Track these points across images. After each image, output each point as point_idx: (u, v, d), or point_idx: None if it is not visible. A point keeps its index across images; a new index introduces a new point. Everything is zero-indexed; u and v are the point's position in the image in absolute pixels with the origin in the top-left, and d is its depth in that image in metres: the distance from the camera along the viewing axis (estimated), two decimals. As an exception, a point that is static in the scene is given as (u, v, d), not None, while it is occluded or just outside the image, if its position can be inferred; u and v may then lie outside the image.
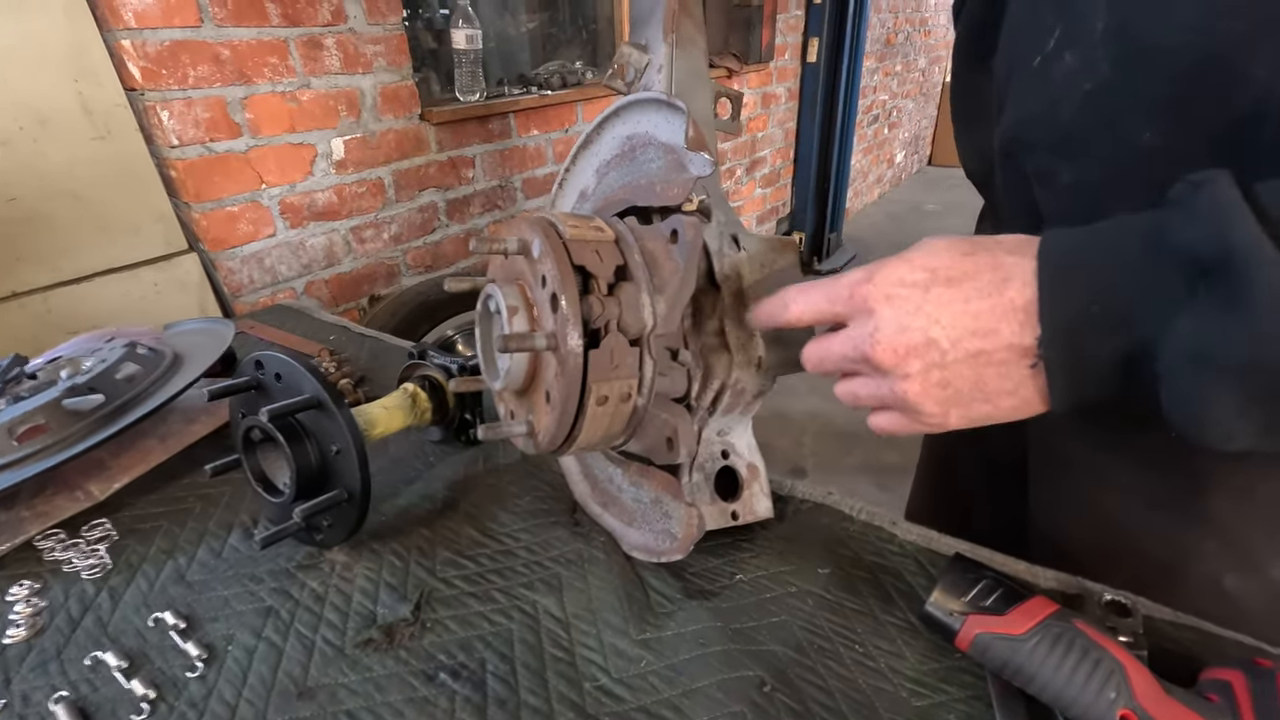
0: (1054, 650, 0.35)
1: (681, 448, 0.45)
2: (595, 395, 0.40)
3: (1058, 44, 0.40)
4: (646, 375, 0.42)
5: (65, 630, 0.48)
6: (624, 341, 0.40)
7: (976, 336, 0.31)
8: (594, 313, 0.39)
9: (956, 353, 0.32)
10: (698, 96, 0.50)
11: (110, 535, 0.57)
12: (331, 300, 1.67)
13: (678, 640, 0.45)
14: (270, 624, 0.48)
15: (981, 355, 0.31)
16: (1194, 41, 0.34)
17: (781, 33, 3.19)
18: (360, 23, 1.51)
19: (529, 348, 0.39)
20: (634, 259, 0.41)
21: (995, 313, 0.31)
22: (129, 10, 1.15)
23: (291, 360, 0.50)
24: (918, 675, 0.41)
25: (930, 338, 0.32)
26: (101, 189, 1.20)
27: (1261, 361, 0.25)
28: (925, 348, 0.32)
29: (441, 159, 1.80)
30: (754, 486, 0.51)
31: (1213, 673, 0.36)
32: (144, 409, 0.61)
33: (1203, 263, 0.26)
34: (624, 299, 0.40)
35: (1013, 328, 0.31)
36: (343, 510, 0.52)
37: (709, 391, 0.46)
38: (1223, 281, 0.25)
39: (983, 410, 0.33)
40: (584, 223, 0.42)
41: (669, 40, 0.49)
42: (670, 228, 0.42)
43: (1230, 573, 0.45)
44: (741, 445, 0.51)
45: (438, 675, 0.43)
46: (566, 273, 0.39)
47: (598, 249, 0.40)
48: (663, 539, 0.49)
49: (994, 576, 0.40)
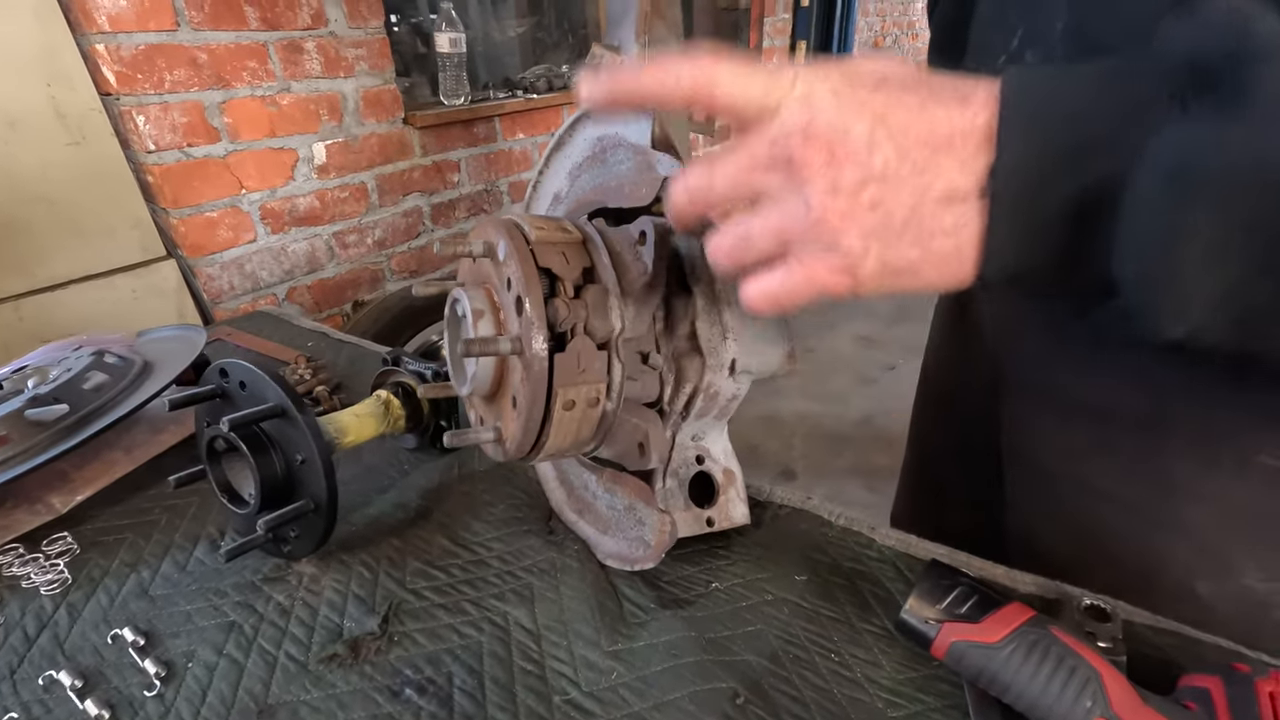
0: (1029, 658, 0.35)
1: (653, 452, 0.44)
2: (562, 400, 0.39)
3: (1020, 43, 0.40)
4: (615, 379, 0.41)
5: (20, 649, 0.46)
6: (591, 345, 0.39)
7: (926, 147, 0.26)
8: (560, 316, 0.38)
9: (901, 165, 0.26)
10: None
11: (71, 549, 0.55)
12: (315, 306, 1.65)
13: (650, 651, 0.43)
14: (233, 639, 0.46)
15: (927, 173, 0.26)
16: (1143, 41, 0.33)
17: (769, 36, 3.20)
18: (341, 26, 1.50)
19: (493, 352, 0.38)
20: (601, 261, 0.40)
21: (952, 123, 0.26)
22: (103, 13, 1.14)
23: (255, 368, 0.49)
24: (894, 685, 0.41)
25: (874, 140, 0.26)
26: (76, 194, 1.19)
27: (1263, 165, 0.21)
28: (867, 152, 0.26)
29: (426, 163, 1.79)
30: (730, 492, 0.50)
31: (1191, 679, 0.35)
32: (108, 419, 0.59)
33: (1207, 67, 0.22)
34: (591, 302, 0.39)
35: (968, 147, 0.25)
36: (309, 521, 0.50)
37: (681, 395, 0.45)
38: (1222, 89, 0.21)
39: (908, 256, 0.27)
40: (551, 225, 0.41)
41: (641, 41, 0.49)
42: (638, 229, 0.41)
43: (1203, 579, 0.45)
44: (717, 450, 0.50)
45: (403, 691, 0.42)
46: (531, 275, 0.38)
47: (564, 251, 0.40)
48: (636, 546, 0.49)
49: (970, 583, 0.39)
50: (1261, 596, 0.43)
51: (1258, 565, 0.43)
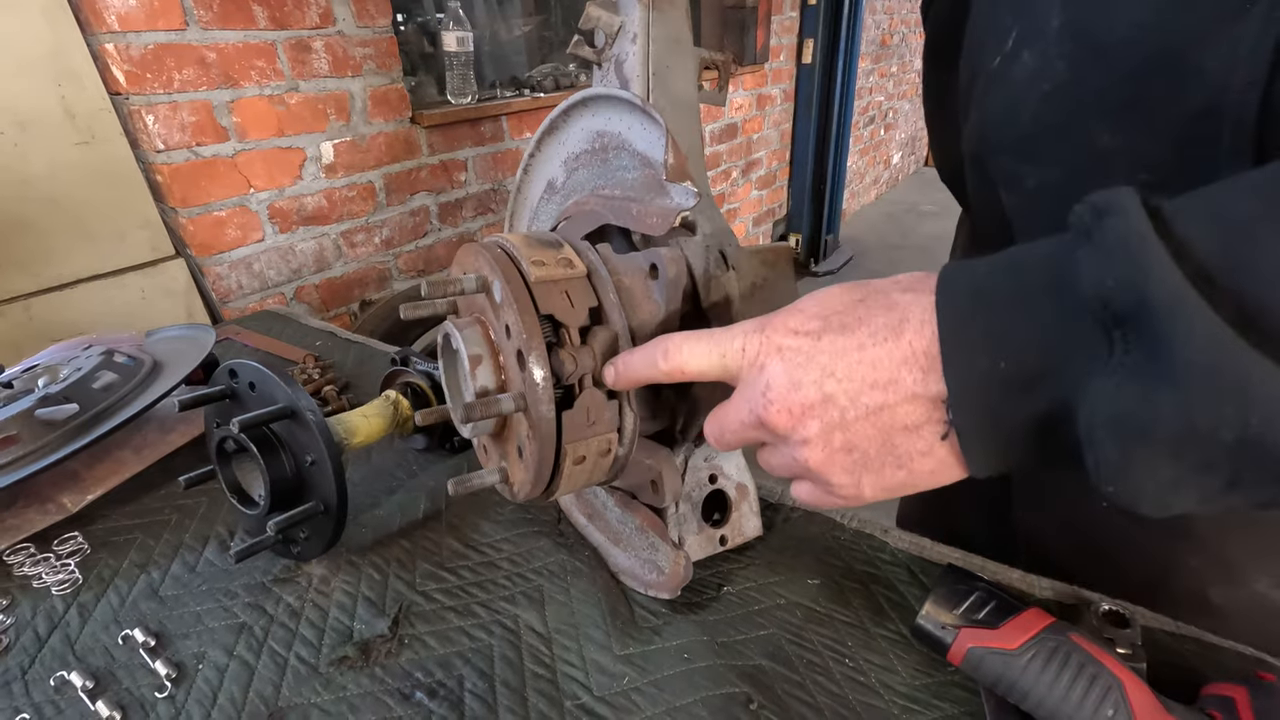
0: (1049, 665, 0.34)
1: (667, 493, 0.42)
2: (572, 457, 0.37)
3: (1015, 44, 0.39)
4: (627, 427, 0.38)
5: (31, 649, 0.46)
6: (600, 397, 0.37)
7: (876, 388, 0.27)
8: (566, 369, 0.35)
9: (856, 409, 0.28)
10: (680, 68, 0.45)
11: (82, 549, 0.55)
12: (322, 305, 1.65)
13: (662, 655, 0.43)
14: (243, 641, 0.46)
15: (884, 410, 0.27)
16: (1145, 37, 0.33)
17: (776, 34, 3.18)
18: (349, 25, 1.50)
19: (495, 414, 0.35)
20: (609, 299, 0.37)
21: (893, 359, 0.27)
22: (112, 13, 1.14)
23: (265, 369, 0.49)
24: (910, 691, 0.40)
25: (826, 393, 0.28)
26: (85, 194, 1.19)
27: (1198, 428, 0.21)
28: (822, 405, 0.28)
29: (433, 162, 1.78)
30: (743, 507, 0.49)
31: (1215, 688, 0.34)
32: (118, 419, 0.59)
33: (1118, 313, 0.22)
34: (598, 349, 0.37)
35: (915, 375, 0.27)
36: (319, 522, 0.50)
37: (695, 426, 0.43)
38: (1141, 337, 0.21)
39: (898, 477, 0.29)
40: (550, 255, 0.37)
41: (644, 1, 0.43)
42: (649, 261, 0.38)
43: (1215, 586, 0.44)
44: (730, 467, 0.49)
45: (414, 694, 0.42)
46: (532, 326, 0.35)
47: (567, 290, 0.36)
48: (649, 569, 0.48)
49: (987, 588, 0.39)
50: (1275, 605, 0.43)
51: (1268, 572, 0.43)
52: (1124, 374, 0.22)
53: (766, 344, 0.30)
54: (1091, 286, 0.22)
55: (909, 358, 0.27)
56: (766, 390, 0.29)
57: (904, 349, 0.27)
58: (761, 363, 0.30)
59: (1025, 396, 0.24)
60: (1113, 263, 0.22)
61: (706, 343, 0.32)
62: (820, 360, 0.28)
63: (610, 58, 0.46)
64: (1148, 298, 0.21)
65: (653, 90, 0.46)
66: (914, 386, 0.27)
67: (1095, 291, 0.22)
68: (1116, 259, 0.22)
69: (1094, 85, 0.35)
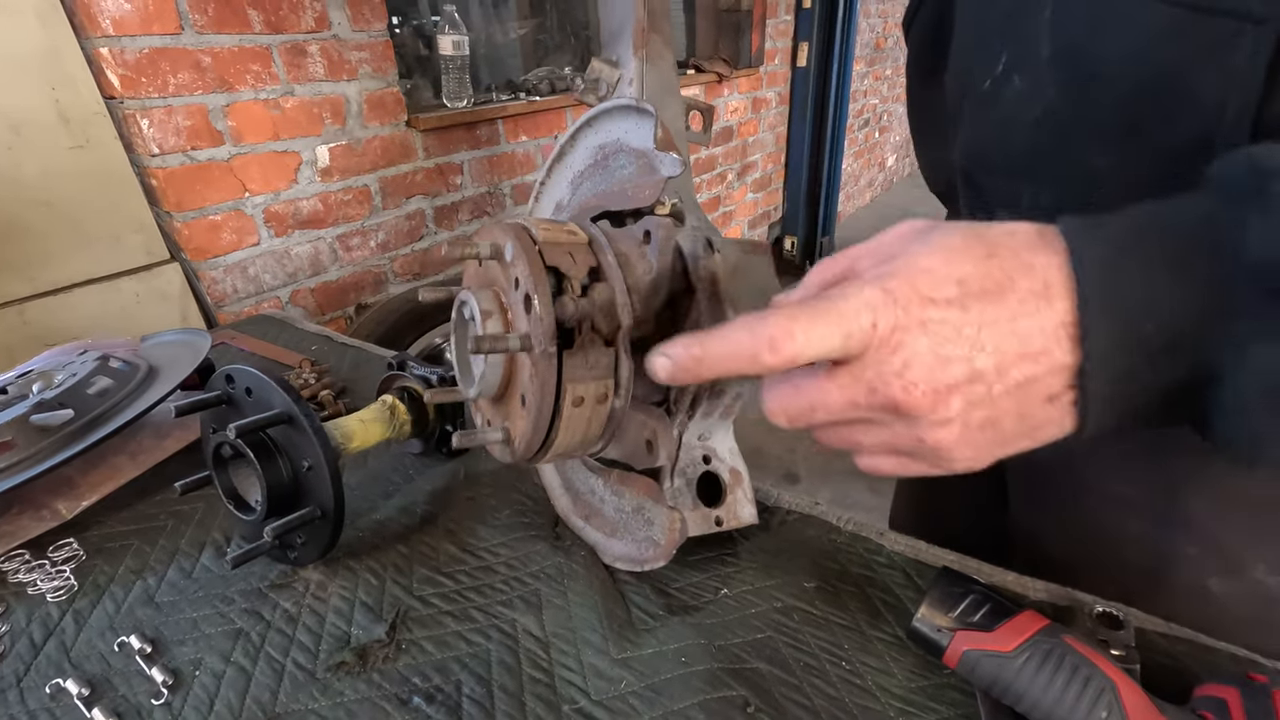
0: (1043, 667, 0.34)
1: (661, 450, 0.44)
2: (571, 396, 0.39)
3: (1006, 68, 0.40)
4: (623, 376, 0.41)
5: (26, 656, 0.46)
6: (599, 341, 0.39)
7: (1027, 359, 0.25)
8: (568, 312, 0.38)
9: (1004, 383, 0.26)
10: (668, 108, 0.50)
11: (77, 555, 0.55)
12: (318, 309, 1.65)
13: (659, 658, 0.43)
14: (240, 647, 0.46)
15: (1032, 383, 0.26)
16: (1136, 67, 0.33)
17: (771, 37, 3.19)
18: (345, 29, 1.50)
19: (503, 349, 0.38)
20: (607, 260, 0.41)
21: (1044, 330, 0.25)
22: (107, 17, 1.14)
23: (261, 375, 0.49)
24: (906, 693, 0.40)
25: (976, 369, 0.26)
26: (80, 198, 1.19)
27: None
28: (970, 382, 0.26)
29: (429, 166, 1.78)
30: (737, 492, 0.49)
31: (1207, 689, 0.35)
32: (114, 424, 0.59)
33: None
34: (598, 299, 0.40)
35: (1065, 345, 0.25)
36: (316, 527, 0.50)
37: (687, 394, 0.45)
38: None
39: (1020, 445, 0.28)
40: (557, 227, 0.41)
41: (639, 55, 0.49)
42: (643, 229, 0.41)
43: (1215, 576, 0.44)
44: (724, 450, 0.50)
45: (411, 699, 0.42)
46: (539, 273, 0.38)
47: (571, 251, 0.40)
48: (645, 547, 0.48)
49: (982, 590, 0.39)
50: (1273, 592, 0.43)
51: (1265, 559, 0.43)
52: None
53: (905, 317, 0.26)
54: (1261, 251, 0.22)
55: (1059, 326, 0.25)
56: (905, 370, 0.26)
57: (1055, 317, 0.25)
58: (899, 339, 0.26)
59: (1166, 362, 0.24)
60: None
61: (824, 322, 0.26)
62: (968, 333, 0.26)
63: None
64: None
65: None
66: (1063, 357, 0.25)
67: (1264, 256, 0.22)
68: None
69: (1086, 112, 0.36)
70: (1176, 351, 0.24)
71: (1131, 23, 0.33)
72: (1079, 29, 0.35)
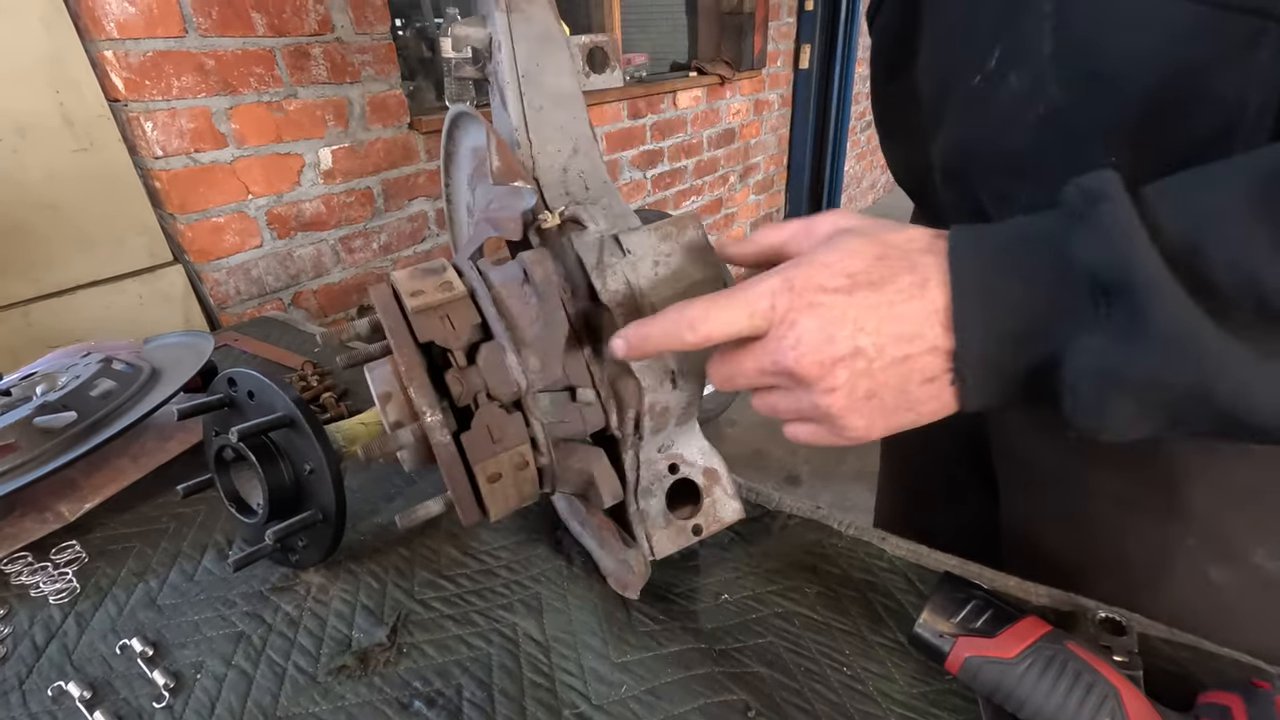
0: (1046, 674, 0.34)
1: (604, 494, 0.41)
2: (485, 475, 0.37)
3: (1000, 63, 0.39)
4: (538, 436, 0.39)
5: (29, 659, 0.46)
6: (499, 413, 0.37)
7: (903, 341, 0.30)
8: (455, 390, 0.36)
9: (883, 360, 0.31)
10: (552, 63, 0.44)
11: (80, 557, 0.55)
12: (320, 311, 1.65)
13: (659, 663, 0.43)
14: (241, 650, 0.46)
15: (908, 361, 0.31)
16: (1150, 67, 0.33)
17: (774, 39, 3.20)
18: (348, 32, 1.50)
19: (392, 451, 0.36)
20: (490, 312, 0.38)
21: (919, 316, 0.30)
22: (111, 20, 1.14)
23: (264, 378, 0.49)
24: (907, 699, 0.40)
25: (857, 346, 0.30)
26: (84, 200, 1.19)
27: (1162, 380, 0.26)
28: (852, 357, 0.31)
29: (431, 168, 1.79)
30: (715, 492, 0.47)
31: (1210, 696, 0.34)
32: (117, 427, 0.59)
33: (1105, 285, 0.26)
34: (486, 366, 0.37)
35: (936, 330, 0.30)
36: (318, 531, 0.50)
37: (628, 420, 0.42)
38: (1124, 307, 0.26)
39: (906, 418, 0.33)
40: (430, 283, 0.38)
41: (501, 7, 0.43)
42: (519, 268, 0.38)
43: (1214, 565, 0.44)
44: (692, 453, 0.47)
45: (412, 704, 0.42)
46: (411, 360, 0.36)
47: (447, 314, 0.37)
48: (625, 569, 0.47)
49: (984, 596, 0.39)
50: (1272, 576, 0.43)
51: (1264, 544, 0.43)
52: (1107, 335, 0.27)
53: (798, 301, 0.31)
54: (1084, 262, 0.27)
55: (932, 313, 0.30)
56: (798, 343, 0.31)
57: (928, 306, 0.30)
58: (793, 319, 0.31)
59: (1022, 348, 0.29)
60: (1102, 244, 0.26)
61: (731, 306, 0.33)
62: (852, 315, 0.30)
63: (493, 71, 0.45)
64: (1130, 276, 0.26)
65: (525, 93, 0.45)
66: (935, 339, 0.30)
67: (1087, 267, 0.27)
68: (1106, 241, 0.26)
69: (1094, 113, 0.35)
70: (1032, 339, 0.29)
71: (1149, 20, 0.32)
72: (1086, 25, 0.34)
